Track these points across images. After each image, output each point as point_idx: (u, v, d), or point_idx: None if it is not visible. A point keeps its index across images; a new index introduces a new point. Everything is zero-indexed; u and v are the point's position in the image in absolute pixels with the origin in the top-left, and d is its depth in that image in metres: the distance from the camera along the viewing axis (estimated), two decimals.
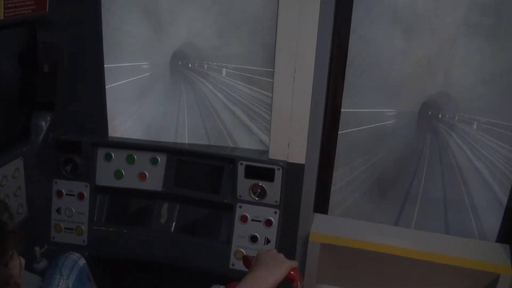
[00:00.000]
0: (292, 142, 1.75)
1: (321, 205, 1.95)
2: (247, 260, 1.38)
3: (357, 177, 1.89)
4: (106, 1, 1.76)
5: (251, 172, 1.80)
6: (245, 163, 1.80)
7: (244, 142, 1.90)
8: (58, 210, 1.96)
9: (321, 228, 1.88)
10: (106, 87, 1.87)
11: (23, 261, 0.95)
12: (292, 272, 1.28)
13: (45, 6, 1.60)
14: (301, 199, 1.80)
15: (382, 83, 1.76)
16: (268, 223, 1.83)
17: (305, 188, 1.80)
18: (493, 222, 1.81)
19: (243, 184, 1.82)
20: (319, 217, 1.95)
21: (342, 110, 1.80)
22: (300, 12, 1.58)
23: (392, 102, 1.78)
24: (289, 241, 1.84)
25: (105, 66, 1.83)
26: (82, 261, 1.72)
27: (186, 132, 1.93)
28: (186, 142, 1.93)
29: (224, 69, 1.84)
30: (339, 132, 1.84)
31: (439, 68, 1.70)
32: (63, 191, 1.95)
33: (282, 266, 1.27)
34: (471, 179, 1.78)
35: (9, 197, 1.73)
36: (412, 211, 1.88)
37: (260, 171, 1.79)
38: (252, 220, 1.84)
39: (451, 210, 1.84)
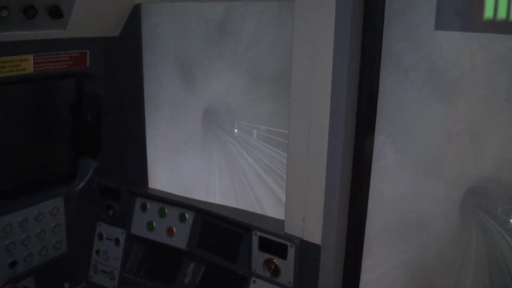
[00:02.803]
0: (307, 217, 1.53)
1: None
2: None
3: (393, 269, 1.55)
4: (147, 56, 1.84)
5: (264, 245, 1.63)
6: (259, 233, 1.63)
7: (271, 210, 1.73)
8: (97, 252, 2.04)
9: None
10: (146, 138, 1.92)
11: None
12: None
13: (85, 62, 1.73)
14: (318, 285, 1.55)
15: (418, 158, 1.44)
16: None
17: (322, 273, 1.54)
18: None
19: (258, 257, 1.65)
20: None
21: (371, 188, 1.52)
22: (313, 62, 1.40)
23: (429, 182, 1.43)
24: None
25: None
26: None
27: (217, 192, 1.84)
28: (217, 202, 1.85)
29: (254, 130, 1.73)
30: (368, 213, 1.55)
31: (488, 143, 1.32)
32: (104, 234, 2.03)
33: None
34: None
35: (45, 232, 1.86)
36: None
37: (273, 245, 1.60)
38: None
39: None
